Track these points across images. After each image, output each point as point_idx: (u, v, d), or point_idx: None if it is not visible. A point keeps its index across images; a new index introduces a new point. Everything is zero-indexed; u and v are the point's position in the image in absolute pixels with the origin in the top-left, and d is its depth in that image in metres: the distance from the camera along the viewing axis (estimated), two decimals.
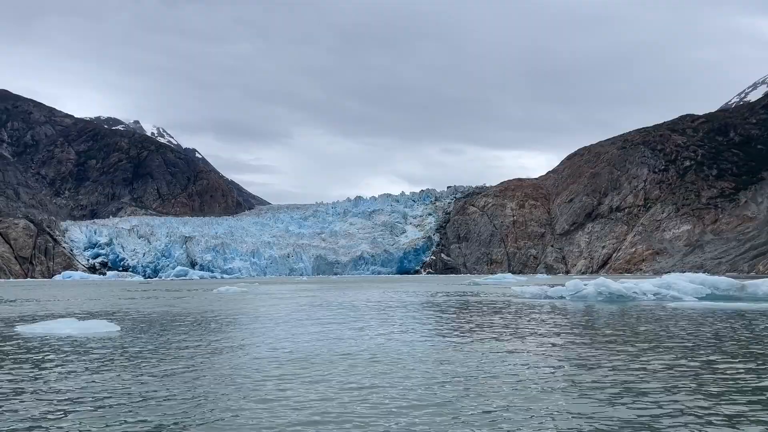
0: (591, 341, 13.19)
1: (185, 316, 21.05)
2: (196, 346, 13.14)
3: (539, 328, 15.53)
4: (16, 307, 26.02)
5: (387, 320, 18.52)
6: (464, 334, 14.23)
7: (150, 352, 12.09)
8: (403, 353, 11.32)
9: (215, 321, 19.14)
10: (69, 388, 8.44)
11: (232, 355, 11.75)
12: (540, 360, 10.44)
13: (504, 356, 10.85)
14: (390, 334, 14.57)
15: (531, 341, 13.03)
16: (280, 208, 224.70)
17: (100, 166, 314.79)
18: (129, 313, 22.65)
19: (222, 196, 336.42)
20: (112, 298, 34.31)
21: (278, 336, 14.97)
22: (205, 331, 16.01)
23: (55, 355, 11.50)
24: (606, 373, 9.27)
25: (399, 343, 12.76)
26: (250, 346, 13.29)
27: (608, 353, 11.41)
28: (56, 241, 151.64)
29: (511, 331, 14.75)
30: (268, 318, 20.71)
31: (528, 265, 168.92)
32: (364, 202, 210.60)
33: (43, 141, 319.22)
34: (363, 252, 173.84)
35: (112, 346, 12.95)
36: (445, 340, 13.11)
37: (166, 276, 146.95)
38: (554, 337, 13.90)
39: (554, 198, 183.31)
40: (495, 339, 13.41)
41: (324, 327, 16.69)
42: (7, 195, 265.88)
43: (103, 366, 10.30)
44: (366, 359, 10.60)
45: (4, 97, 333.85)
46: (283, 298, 33.79)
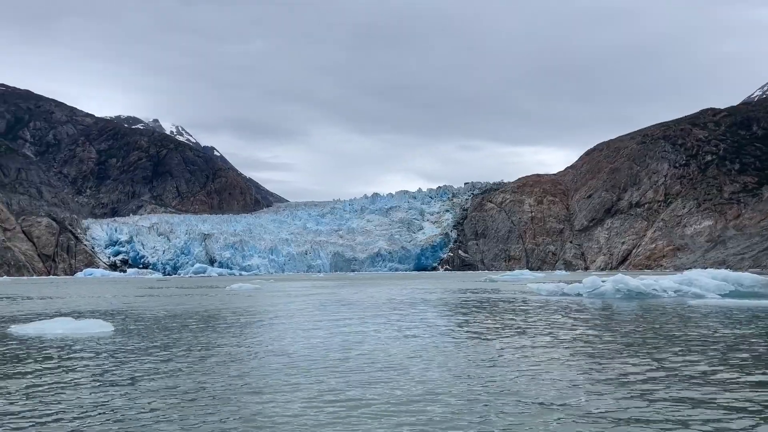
0: (608, 341, 12.60)
1: (189, 314, 20.76)
2: (189, 347, 12.35)
3: (554, 328, 14.90)
4: (23, 305, 25.85)
5: (393, 318, 17.97)
6: (476, 333, 13.73)
7: (138, 353, 11.42)
8: (411, 353, 10.89)
9: (219, 320, 18.79)
10: (40, 391, 8.04)
11: (226, 357, 10.95)
12: (553, 361, 10.00)
13: (517, 357, 10.36)
14: (396, 333, 14.04)
15: (545, 341, 12.53)
16: (298, 205, 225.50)
17: (120, 165, 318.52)
18: (132, 311, 22.12)
19: (240, 194, 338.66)
20: (123, 296, 33.98)
21: (283, 335, 14.22)
22: (203, 331, 15.24)
23: (37, 356, 11.10)
24: (625, 376, 8.75)
25: (403, 343, 12.18)
26: (247, 346, 12.53)
27: (627, 354, 10.81)
28: (78, 239, 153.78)
29: (525, 331, 14.22)
30: (276, 316, 19.92)
31: (546, 261, 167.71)
32: (381, 199, 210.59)
33: (65, 140, 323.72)
34: (380, 249, 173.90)
35: (100, 347, 12.27)
36: (455, 340, 12.61)
37: (185, 273, 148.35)
38: (569, 336, 13.29)
39: (573, 194, 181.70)
40: (508, 338, 12.91)
41: (331, 325, 16.03)
42: (30, 194, 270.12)
43: (85, 367, 9.94)
44: (365, 361, 10.09)
45: (26, 97, 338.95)
46: (295, 296, 33.19)
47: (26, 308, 24.26)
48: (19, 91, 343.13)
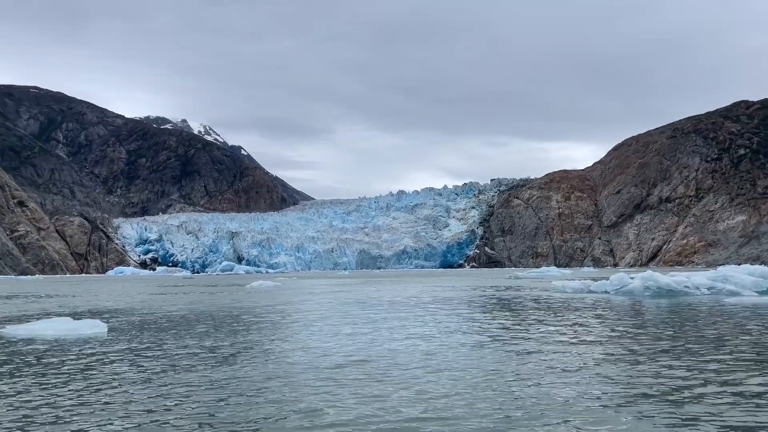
0: (635, 342, 11.98)
1: (196, 314, 19.76)
2: (178, 350, 11.38)
3: (578, 328, 14.00)
4: (35, 304, 25.57)
5: (409, 318, 17.10)
6: (495, 335, 12.93)
7: (127, 357, 10.66)
8: (425, 354, 10.33)
9: (223, 319, 17.80)
10: (13, 397, 7.59)
11: (217, 360, 10.17)
12: (575, 364, 9.32)
13: (536, 360, 9.70)
14: (409, 333, 13.32)
15: (567, 342, 11.76)
16: (324, 203, 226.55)
17: (149, 165, 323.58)
18: (139, 310, 21.32)
19: (267, 192, 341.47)
20: (140, 294, 33.50)
21: (294, 337, 13.39)
22: (200, 332, 14.27)
23: (17, 359, 10.60)
24: (655, 381, 8.11)
25: (416, 344, 11.55)
26: (248, 349, 11.59)
27: (657, 357, 10.05)
28: (109, 237, 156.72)
29: (546, 331, 13.38)
30: (293, 315, 18.89)
31: (574, 258, 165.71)
32: (407, 197, 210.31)
33: (96, 141, 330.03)
34: (406, 246, 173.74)
35: (84, 350, 11.53)
36: (472, 342, 11.88)
37: (212, 271, 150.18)
38: (593, 338, 12.43)
39: (601, 189, 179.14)
40: (528, 339, 12.13)
41: (343, 325, 15.45)
42: (63, 194, 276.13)
43: (59, 371, 9.36)
44: (380, 363, 9.49)
45: (59, 99, 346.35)
46: (317, 293, 32.55)
47: (35, 307, 23.98)
48: (51, 93, 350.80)
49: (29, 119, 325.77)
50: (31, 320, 16.14)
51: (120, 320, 17.86)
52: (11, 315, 20.18)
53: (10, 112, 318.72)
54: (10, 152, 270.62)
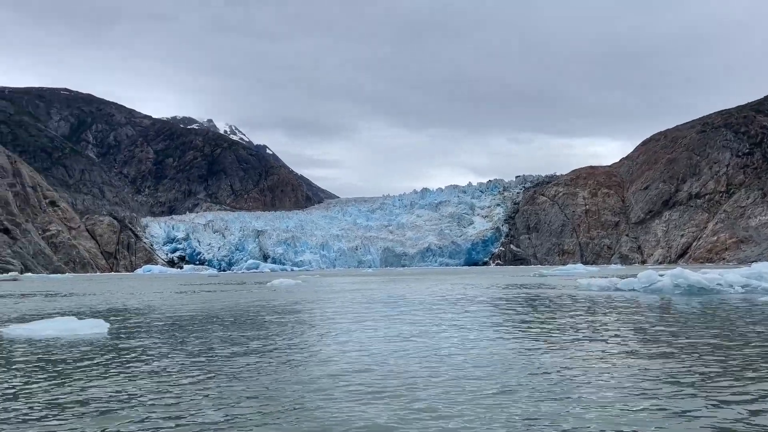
0: (666, 342, 11.17)
1: (210, 313, 18.99)
2: (181, 353, 10.56)
3: (605, 328, 13.18)
4: (48, 303, 25.04)
5: (428, 317, 16.44)
6: (517, 335, 12.29)
7: (117, 359, 9.99)
8: (445, 355, 9.83)
9: (238, 319, 16.96)
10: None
11: (211, 364, 9.41)
12: (605, 367, 8.87)
13: (560, 361, 9.39)
14: (425, 332, 12.77)
15: (596, 343, 11.05)
16: (348, 201, 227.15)
17: (176, 164, 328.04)
18: (147, 309, 21.18)
19: (292, 191, 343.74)
20: (158, 293, 33.04)
21: (306, 339, 12.49)
22: (203, 333, 13.51)
23: (5, 360, 10.07)
24: (689, 383, 7.60)
25: (435, 346, 11.21)
26: (249, 352, 10.75)
27: (689, 359, 9.38)
28: (138, 236, 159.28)
29: (570, 331, 12.57)
30: (309, 315, 18.04)
31: (601, 255, 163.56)
32: (431, 194, 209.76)
33: (125, 141, 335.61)
34: (430, 244, 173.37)
35: (81, 351, 10.96)
36: (497, 341, 11.28)
37: (238, 269, 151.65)
38: (622, 337, 11.95)
39: (629, 185, 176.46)
40: (551, 339, 11.50)
41: (363, 325, 14.55)
42: (93, 194, 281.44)
43: (47, 373, 8.89)
44: (395, 366, 9.07)
45: (89, 101, 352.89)
46: (338, 292, 31.82)
47: (47, 306, 23.48)
48: (81, 95, 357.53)
49: (60, 121, 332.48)
50: (34, 320, 15.56)
51: (127, 320, 17.32)
52: (18, 314, 19.62)
53: (42, 114, 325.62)
54: (42, 153, 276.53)
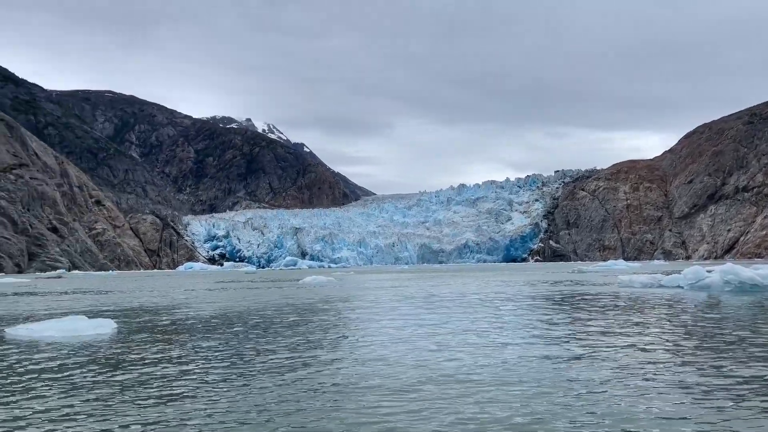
0: (717, 345, 10.07)
1: (232, 312, 18.12)
2: (185, 357, 9.69)
3: (650, 328, 12.18)
4: (67, 302, 24.29)
5: (462, 315, 15.54)
6: (553, 335, 11.43)
7: (111, 363, 9.21)
8: (481, 357, 9.21)
9: (259, 317, 16.06)
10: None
11: (220, 370, 8.51)
12: (652, 370, 8.00)
13: (601, 364, 8.48)
14: (463, 332, 11.97)
15: (636, 344, 10.22)
16: (385, 198, 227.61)
17: (216, 163, 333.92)
18: (169, 307, 20.40)
19: (329, 188, 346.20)
20: (189, 291, 32.39)
21: (327, 339, 11.54)
22: (225, 334, 12.55)
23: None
24: (744, 391, 6.88)
25: (468, 345, 10.47)
26: (260, 352, 9.93)
27: (743, 363, 8.45)
28: (179, 234, 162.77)
29: (612, 332, 11.66)
30: (336, 313, 16.88)
31: (644, 251, 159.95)
32: (468, 190, 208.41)
33: (166, 141, 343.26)
34: (467, 240, 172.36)
35: (76, 353, 10.19)
36: (535, 341, 10.61)
37: (277, 266, 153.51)
38: (667, 338, 10.74)
39: (672, 179, 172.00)
40: (590, 340, 10.69)
41: (387, 326, 13.51)
42: (136, 193, 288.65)
43: (28, 377, 8.21)
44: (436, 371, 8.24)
45: (131, 102, 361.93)
46: (370, 289, 30.88)
47: (68, 304, 22.79)
48: (124, 96, 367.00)
49: (105, 122, 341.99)
50: (45, 319, 14.75)
51: (140, 319, 16.46)
52: (33, 313, 18.94)
53: (87, 116, 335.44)
54: (88, 154, 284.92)
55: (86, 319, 13.32)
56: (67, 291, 34.20)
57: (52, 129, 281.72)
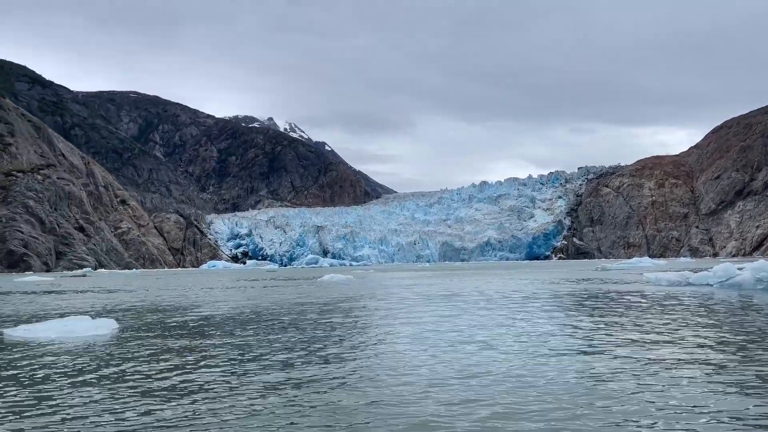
0: (751, 347, 9.40)
1: (242, 311, 17.53)
2: (182, 361, 9.09)
3: (679, 328, 11.48)
4: (79, 301, 23.96)
5: (482, 317, 14.63)
6: (577, 336, 10.82)
7: (104, 367, 8.67)
8: (502, 359, 8.74)
9: (269, 317, 15.40)
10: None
11: (200, 377, 7.86)
12: (684, 375, 7.50)
13: (630, 367, 8.04)
14: (485, 332, 11.61)
15: (667, 346, 9.62)
16: (406, 196, 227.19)
17: (239, 162, 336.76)
18: (178, 306, 19.83)
19: (351, 187, 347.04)
20: (206, 289, 31.78)
21: (340, 340, 10.92)
22: (225, 336, 11.85)
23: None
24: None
25: (486, 344, 10.14)
26: (257, 357, 9.31)
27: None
28: (203, 233, 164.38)
29: (639, 332, 10.98)
30: (351, 313, 16.11)
31: (669, 248, 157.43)
32: (490, 187, 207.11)
33: (189, 141, 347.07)
34: (489, 238, 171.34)
35: (70, 355, 9.76)
36: (561, 343, 10.22)
37: (299, 264, 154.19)
38: (698, 340, 10.21)
39: (698, 175, 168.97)
40: (616, 341, 10.11)
41: (404, 327, 12.85)
42: (161, 192, 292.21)
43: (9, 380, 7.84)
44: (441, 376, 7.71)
45: (155, 102, 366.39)
46: (390, 287, 29.84)
47: (76, 303, 22.47)
48: (148, 97, 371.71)
49: (129, 122, 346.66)
50: (48, 319, 14.52)
51: (144, 319, 15.82)
52: (37, 312, 18.55)
53: (113, 117, 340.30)
54: (113, 154, 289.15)
55: (89, 320, 12.91)
56: (86, 290, 34.29)
57: (78, 130, 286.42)
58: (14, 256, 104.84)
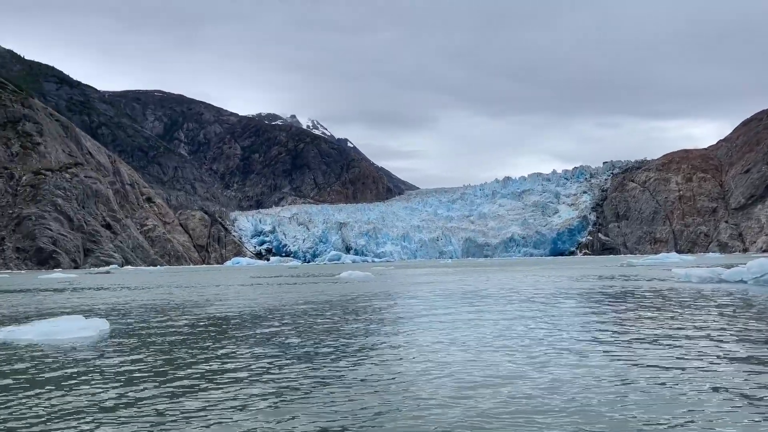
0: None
1: (249, 312, 16.27)
2: (172, 367, 8.21)
3: (716, 329, 10.70)
4: (83, 299, 23.19)
5: (504, 317, 13.50)
6: (608, 336, 10.07)
7: (83, 373, 7.87)
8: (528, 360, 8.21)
9: (276, 317, 14.41)
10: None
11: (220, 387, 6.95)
12: (727, 383, 6.79)
13: (667, 373, 7.30)
14: (511, 336, 10.58)
15: (705, 349, 8.83)
16: (428, 192, 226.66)
17: (262, 160, 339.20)
18: (183, 305, 18.72)
19: (373, 183, 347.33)
20: (220, 286, 31.28)
21: (347, 342, 10.08)
22: (221, 341, 10.67)
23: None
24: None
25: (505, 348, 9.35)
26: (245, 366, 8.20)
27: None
28: (227, 230, 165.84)
29: (674, 333, 10.16)
30: (364, 313, 15.07)
31: (697, 243, 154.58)
32: (513, 183, 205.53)
33: (213, 139, 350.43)
34: (513, 234, 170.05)
35: (48, 359, 8.95)
36: (590, 345, 9.43)
37: (321, 261, 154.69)
38: (737, 342, 9.30)
39: (727, 169, 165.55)
40: (649, 343, 9.41)
41: (418, 328, 11.82)
42: (185, 189, 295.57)
43: None
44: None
45: (180, 101, 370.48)
46: (408, 285, 28.70)
47: (81, 302, 21.65)
48: (173, 95, 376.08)
49: (154, 121, 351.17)
50: (42, 318, 13.66)
51: (142, 320, 14.70)
52: (34, 311, 17.86)
53: (138, 115, 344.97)
54: (139, 152, 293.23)
55: (81, 320, 12.12)
56: (102, 287, 33.89)
57: (105, 129, 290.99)
58: (43, 254, 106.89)
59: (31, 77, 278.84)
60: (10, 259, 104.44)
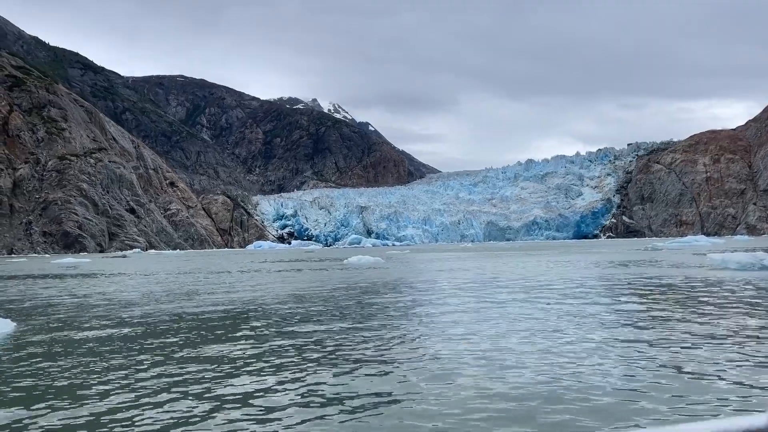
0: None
1: (225, 306, 13.65)
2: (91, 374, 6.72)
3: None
4: (74, 288, 21.44)
5: (523, 312, 11.38)
6: (642, 338, 8.46)
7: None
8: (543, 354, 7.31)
9: (241, 319, 11.43)
10: None
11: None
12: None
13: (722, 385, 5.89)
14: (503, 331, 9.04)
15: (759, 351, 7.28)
16: (450, 175, 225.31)
17: (284, 144, 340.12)
18: (136, 302, 15.31)
19: (394, 167, 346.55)
20: (220, 273, 29.62)
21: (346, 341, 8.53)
22: (149, 347, 8.54)
23: None
24: None
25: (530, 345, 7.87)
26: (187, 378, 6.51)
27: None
28: (249, 214, 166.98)
29: (726, 336, 8.41)
30: (357, 306, 12.86)
31: (725, 226, 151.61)
32: (536, 165, 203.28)
33: (236, 123, 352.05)
34: (536, 217, 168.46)
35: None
36: (628, 347, 7.71)
37: (342, 244, 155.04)
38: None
39: (757, 150, 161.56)
40: (705, 347, 7.69)
41: (419, 327, 9.83)
42: (208, 174, 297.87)
43: None
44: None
45: (201, 86, 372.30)
46: (421, 271, 27.33)
47: (50, 293, 19.20)
48: (195, 81, 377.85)
49: (177, 106, 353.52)
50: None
51: (64, 318, 12.21)
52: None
53: (161, 101, 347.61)
54: (162, 137, 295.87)
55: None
56: (98, 273, 32.07)
57: (128, 114, 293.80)
58: (69, 238, 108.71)
59: (56, 63, 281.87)
60: (38, 243, 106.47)
